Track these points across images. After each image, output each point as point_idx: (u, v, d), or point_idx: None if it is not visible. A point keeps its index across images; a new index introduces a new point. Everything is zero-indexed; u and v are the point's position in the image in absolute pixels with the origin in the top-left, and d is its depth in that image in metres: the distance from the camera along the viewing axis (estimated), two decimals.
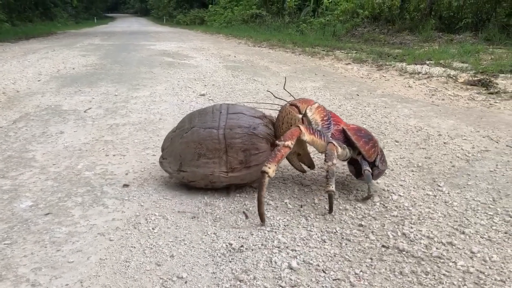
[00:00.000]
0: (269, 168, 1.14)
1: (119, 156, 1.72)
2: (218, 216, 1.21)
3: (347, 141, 1.31)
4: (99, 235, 1.11)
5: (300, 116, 1.28)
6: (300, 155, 1.41)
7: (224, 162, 1.29)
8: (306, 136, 1.22)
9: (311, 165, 1.44)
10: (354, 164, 1.36)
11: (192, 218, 1.20)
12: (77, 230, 1.14)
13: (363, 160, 1.31)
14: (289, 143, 1.17)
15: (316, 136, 1.24)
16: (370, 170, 1.29)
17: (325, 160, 1.21)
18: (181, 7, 22.41)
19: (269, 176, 1.14)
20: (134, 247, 1.05)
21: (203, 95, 2.94)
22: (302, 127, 1.21)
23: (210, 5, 18.10)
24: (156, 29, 15.82)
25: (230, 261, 0.99)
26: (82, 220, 1.19)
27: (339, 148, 1.25)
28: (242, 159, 1.29)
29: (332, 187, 1.18)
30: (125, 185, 1.43)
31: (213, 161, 1.29)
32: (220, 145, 1.28)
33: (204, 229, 1.14)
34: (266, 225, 1.15)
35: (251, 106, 1.49)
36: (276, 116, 1.35)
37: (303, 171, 1.47)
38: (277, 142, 1.19)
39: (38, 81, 3.55)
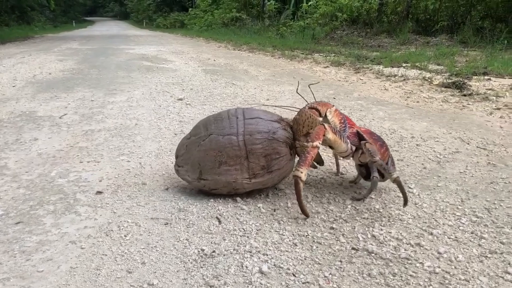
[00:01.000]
0: (301, 172, 1.15)
1: (93, 162, 1.71)
2: (191, 222, 1.21)
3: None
4: (70, 243, 1.10)
5: (321, 119, 1.30)
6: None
7: (246, 168, 1.28)
8: (330, 135, 1.24)
9: (321, 162, 1.45)
10: (365, 166, 1.38)
11: (165, 224, 1.20)
12: (48, 239, 1.13)
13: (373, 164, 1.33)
14: (317, 143, 1.19)
15: (338, 136, 1.26)
16: (379, 177, 1.31)
17: (372, 157, 1.24)
18: (161, 10, 22.31)
19: (302, 181, 1.15)
20: (106, 255, 1.05)
21: (181, 99, 2.93)
22: (326, 126, 1.23)
23: (190, 9, 18.08)
24: (136, 32, 15.72)
25: (202, 267, 1.00)
26: (54, 229, 1.18)
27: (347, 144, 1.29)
28: (264, 164, 1.29)
29: (396, 174, 1.22)
30: (99, 192, 1.42)
31: (234, 168, 1.29)
32: (241, 151, 1.28)
33: (176, 235, 1.14)
34: (238, 230, 1.16)
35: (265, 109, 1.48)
36: (295, 119, 1.35)
37: (314, 167, 1.48)
38: (305, 143, 1.20)
39: (13, 86, 3.50)
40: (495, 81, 3.47)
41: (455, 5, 7.58)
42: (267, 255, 1.04)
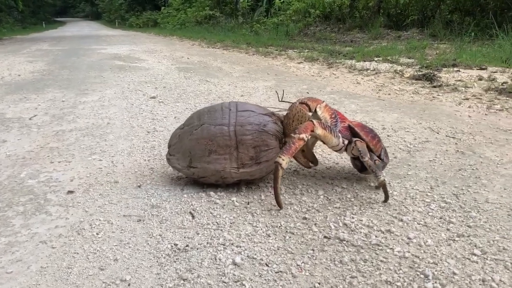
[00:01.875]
0: (283, 159, 1.18)
1: (65, 162, 1.68)
2: (164, 218, 1.20)
3: (354, 136, 1.34)
4: (41, 243, 1.09)
5: (310, 114, 1.32)
6: (304, 152, 1.44)
7: (235, 158, 1.31)
8: (319, 131, 1.25)
9: (315, 161, 1.47)
10: (359, 159, 1.38)
11: (137, 221, 1.19)
12: (18, 240, 1.10)
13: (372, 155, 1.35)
14: (303, 135, 1.20)
15: (328, 131, 1.27)
16: (380, 160, 1.34)
17: (361, 156, 1.25)
18: (133, 9, 22.03)
19: (282, 168, 1.17)
20: (77, 253, 1.04)
21: (154, 97, 2.91)
22: (315, 121, 1.25)
23: (162, 7, 17.91)
24: (108, 32, 15.49)
25: (175, 261, 0.99)
26: (24, 229, 1.16)
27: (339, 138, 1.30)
28: (252, 155, 1.31)
29: (383, 177, 1.23)
30: (70, 192, 1.40)
31: (224, 157, 1.31)
32: (231, 141, 1.30)
33: (149, 231, 1.14)
34: (211, 223, 1.16)
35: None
36: (286, 114, 1.38)
37: (309, 167, 1.49)
38: (291, 134, 1.22)
39: None
40: (463, 72, 3.55)
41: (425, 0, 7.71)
42: (240, 247, 1.04)
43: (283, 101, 1.49)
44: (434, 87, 3.14)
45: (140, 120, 2.32)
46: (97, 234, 1.13)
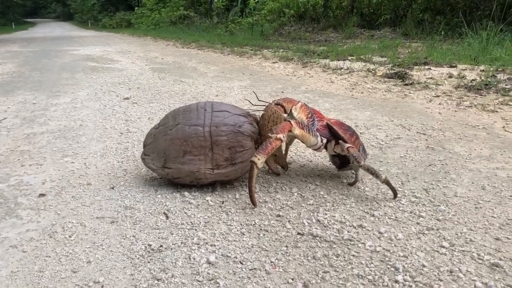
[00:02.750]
0: (258, 159, 1.18)
1: (36, 165, 1.65)
2: (138, 219, 1.20)
3: (332, 135, 1.35)
4: (11, 248, 1.07)
5: (286, 115, 1.32)
6: (276, 156, 1.44)
7: (209, 159, 1.30)
8: (297, 131, 1.26)
9: (285, 167, 1.48)
10: (338, 156, 1.41)
11: (111, 222, 1.18)
12: None
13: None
14: (280, 136, 1.20)
15: (305, 130, 1.28)
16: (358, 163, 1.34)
17: (358, 162, 1.26)
18: (106, 10, 21.71)
19: (257, 167, 1.17)
20: (49, 256, 1.02)
21: (127, 98, 2.88)
22: (292, 122, 1.25)
23: (136, 8, 17.71)
24: (81, 33, 15.24)
25: (149, 262, 0.99)
26: None
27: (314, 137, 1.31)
28: (227, 156, 1.31)
29: (384, 176, 1.24)
30: (41, 195, 1.38)
31: (198, 158, 1.30)
32: (205, 142, 1.30)
33: (123, 232, 1.13)
34: (186, 223, 1.16)
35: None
36: (261, 115, 1.37)
37: (278, 173, 1.49)
38: (269, 134, 1.22)
39: None
40: (434, 70, 3.63)
41: None
42: (214, 245, 1.05)
43: (260, 101, 1.50)
44: (406, 85, 3.20)
45: (113, 121, 2.29)
46: (70, 236, 1.11)
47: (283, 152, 1.49)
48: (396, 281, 0.89)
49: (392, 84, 3.21)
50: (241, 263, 0.97)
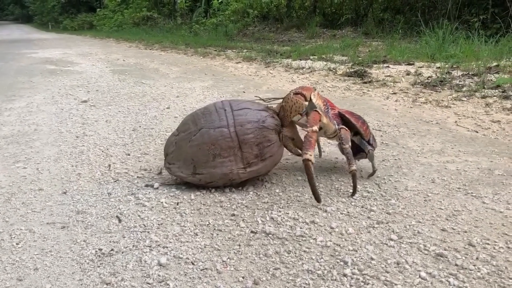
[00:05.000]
0: (310, 155, 1.19)
1: None
2: (89, 223, 1.17)
3: (344, 123, 1.38)
4: None
5: (306, 103, 1.33)
6: (294, 140, 1.44)
7: (240, 158, 1.30)
8: (325, 119, 1.29)
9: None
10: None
11: (62, 228, 1.16)
12: None
13: (362, 140, 1.41)
14: (315, 127, 1.23)
15: (328, 119, 1.31)
16: (373, 150, 1.40)
17: (342, 144, 1.29)
18: (67, 12, 21.22)
19: (312, 163, 1.19)
20: None
21: (85, 101, 2.82)
22: (320, 111, 1.27)
23: (98, 9, 17.38)
24: (40, 36, 14.83)
25: (99, 266, 0.97)
26: None
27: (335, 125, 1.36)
28: (257, 153, 1.30)
29: (355, 167, 1.26)
30: None
31: (229, 160, 1.29)
32: (233, 142, 1.29)
33: (73, 237, 1.10)
34: (138, 226, 1.14)
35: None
36: (281, 107, 1.38)
37: (300, 155, 1.48)
38: (304, 129, 1.26)
39: None
40: (393, 68, 3.71)
41: None
42: (167, 247, 1.04)
43: (268, 99, 1.51)
44: (365, 83, 3.26)
45: (70, 125, 2.24)
46: (17, 244, 1.08)
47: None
48: (345, 275, 0.90)
49: (352, 83, 3.27)
50: (193, 263, 0.97)
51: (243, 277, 0.91)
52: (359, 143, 1.42)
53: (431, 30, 4.68)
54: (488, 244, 1.01)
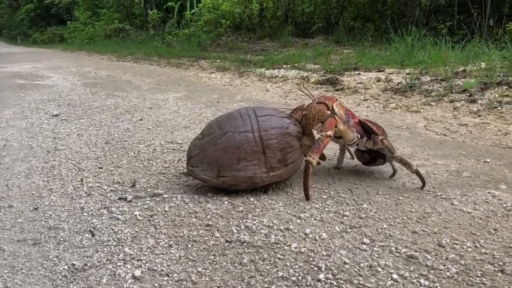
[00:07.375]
0: (313, 158, 1.29)
1: None
2: (62, 239, 1.16)
3: (365, 131, 1.45)
4: None
5: (329, 112, 1.38)
6: (310, 148, 1.43)
7: (263, 163, 1.33)
8: (341, 126, 1.35)
9: (323, 157, 1.48)
10: (368, 152, 1.50)
11: (33, 244, 1.14)
12: None
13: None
14: (330, 133, 1.30)
15: (347, 126, 1.37)
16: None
17: (391, 153, 1.38)
18: (36, 25, 20.88)
19: (312, 166, 1.28)
20: None
21: (56, 115, 2.78)
22: (337, 118, 1.33)
23: (69, 22, 17.16)
24: (9, 50, 14.54)
25: (72, 282, 0.96)
26: None
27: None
28: (280, 158, 1.34)
29: (415, 167, 1.36)
30: None
31: (253, 163, 1.32)
32: (257, 147, 1.33)
33: (45, 254, 1.09)
34: (112, 240, 1.13)
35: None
36: (304, 115, 1.42)
37: (318, 163, 1.49)
38: (319, 133, 1.32)
39: None
40: (364, 75, 3.78)
41: (328, 8, 8.12)
42: (141, 260, 1.03)
43: (304, 92, 1.61)
44: (337, 90, 3.32)
45: (41, 139, 2.20)
46: None
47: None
48: (319, 280, 0.91)
49: (324, 90, 3.32)
50: (167, 275, 0.96)
51: (218, 287, 0.91)
52: (381, 149, 1.47)
53: (400, 37, 4.79)
54: (456, 244, 1.04)
